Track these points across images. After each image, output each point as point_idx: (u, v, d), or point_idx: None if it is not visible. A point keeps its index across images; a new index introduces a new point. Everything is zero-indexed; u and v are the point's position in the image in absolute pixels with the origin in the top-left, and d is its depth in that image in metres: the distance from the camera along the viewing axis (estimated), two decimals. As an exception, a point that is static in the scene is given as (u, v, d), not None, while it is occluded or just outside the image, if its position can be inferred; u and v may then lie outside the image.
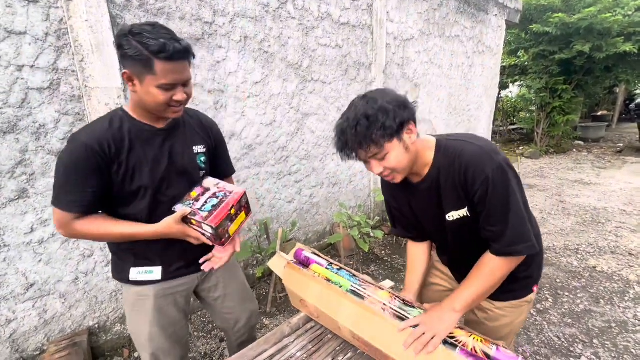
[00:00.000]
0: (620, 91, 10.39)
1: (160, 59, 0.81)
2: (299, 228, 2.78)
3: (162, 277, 1.04)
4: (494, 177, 0.80)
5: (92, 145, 0.86)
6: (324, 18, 2.52)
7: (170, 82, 0.85)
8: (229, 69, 2.08)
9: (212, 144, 1.12)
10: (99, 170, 0.87)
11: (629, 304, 2.16)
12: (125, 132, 0.92)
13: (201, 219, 0.95)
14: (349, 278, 1.09)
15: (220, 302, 1.22)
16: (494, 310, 1.02)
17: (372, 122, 0.78)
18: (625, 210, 3.79)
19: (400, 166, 0.85)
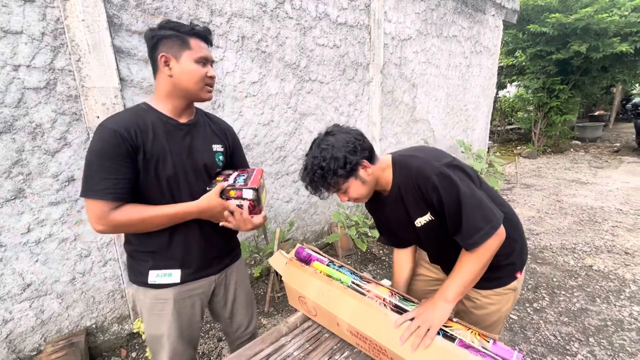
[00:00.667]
0: (617, 91, 10.44)
1: (193, 36, 0.92)
2: (297, 228, 2.78)
3: (182, 279, 1.03)
4: (440, 182, 0.89)
5: (121, 131, 0.86)
6: (321, 18, 2.52)
7: (205, 55, 0.94)
8: (227, 69, 2.08)
9: (229, 146, 1.15)
10: (129, 156, 0.88)
11: (624, 302, 2.18)
12: (149, 122, 0.93)
13: (241, 186, 1.00)
14: (350, 275, 1.11)
15: (230, 307, 1.23)
16: (480, 298, 1.06)
17: (326, 171, 0.91)
18: (622, 209, 3.82)
19: (361, 196, 0.99)
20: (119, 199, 0.87)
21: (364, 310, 0.95)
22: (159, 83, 0.96)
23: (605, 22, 5.31)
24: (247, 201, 1.00)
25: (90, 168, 0.86)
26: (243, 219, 1.00)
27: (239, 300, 1.24)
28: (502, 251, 0.95)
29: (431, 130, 4.02)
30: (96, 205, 0.85)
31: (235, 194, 1.00)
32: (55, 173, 1.58)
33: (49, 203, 1.59)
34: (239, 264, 1.23)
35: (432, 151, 1.00)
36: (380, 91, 3.14)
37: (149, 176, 0.92)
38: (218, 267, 1.13)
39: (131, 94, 1.73)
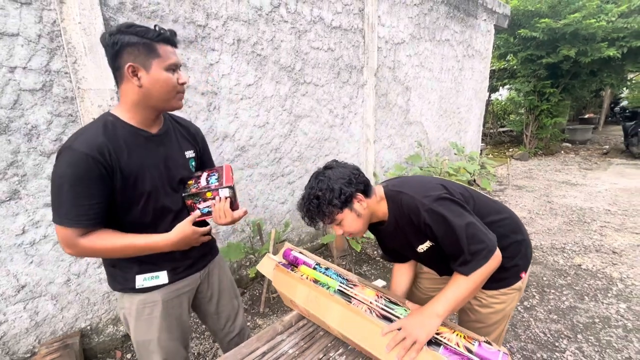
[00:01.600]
0: (606, 95, 10.65)
1: (160, 42, 0.86)
2: (292, 229, 2.80)
3: (169, 279, 1.03)
4: (430, 219, 0.94)
5: (93, 154, 0.81)
6: (316, 22, 2.56)
7: (175, 62, 0.89)
8: (222, 71, 2.10)
9: (199, 149, 1.14)
10: (102, 179, 0.83)
11: (612, 300, 2.23)
12: (121, 138, 0.88)
13: (217, 186, 1.02)
14: (336, 278, 1.12)
15: (215, 301, 1.24)
16: (486, 298, 1.09)
17: (321, 201, 0.95)
18: (610, 210, 3.90)
19: (355, 229, 1.02)
20: (91, 225, 0.85)
21: (351, 317, 0.96)
22: (126, 93, 0.88)
23: (593, 28, 5.44)
24: (227, 199, 1.02)
25: (60, 194, 0.81)
26: (224, 213, 1.01)
27: (223, 293, 1.25)
28: (506, 254, 0.98)
29: (424, 132, 4.08)
30: (65, 231, 0.83)
31: (212, 195, 1.01)
32: (50, 174, 1.58)
33: (44, 204, 1.59)
34: (219, 258, 1.26)
35: (419, 184, 1.04)
36: (375, 94, 3.18)
37: (127, 193, 0.90)
38: (202, 263, 1.15)
39: (127, 96, 1.74)
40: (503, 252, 0.96)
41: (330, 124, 2.87)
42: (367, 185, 1.01)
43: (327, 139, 2.89)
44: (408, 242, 1.05)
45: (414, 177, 1.16)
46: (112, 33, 0.84)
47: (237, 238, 2.41)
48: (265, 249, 2.23)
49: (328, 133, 2.88)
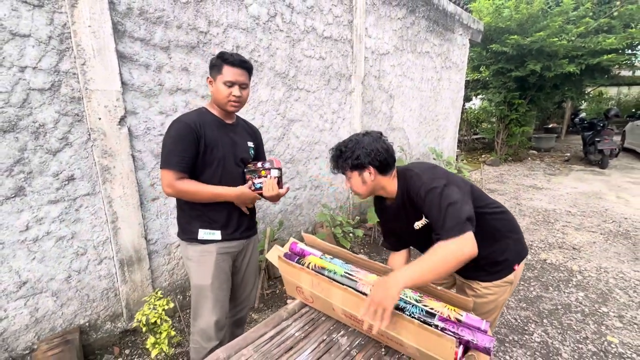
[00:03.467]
0: (567, 106, 11.53)
1: (226, 64, 1.27)
2: (284, 228, 2.91)
3: (222, 237, 1.36)
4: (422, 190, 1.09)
5: (191, 124, 1.25)
6: (309, 31, 2.71)
7: (231, 79, 1.27)
8: (221, 76, 2.20)
9: (257, 144, 1.53)
10: (195, 142, 1.25)
11: (572, 289, 2.51)
12: (208, 120, 1.32)
13: (270, 166, 1.37)
14: (342, 265, 1.26)
15: (243, 272, 1.53)
16: (481, 289, 1.22)
17: (342, 154, 1.18)
18: (571, 211, 4.29)
19: (358, 190, 1.20)
20: (183, 170, 1.24)
21: (356, 297, 1.06)
22: (212, 95, 1.34)
23: (555, 45, 5.95)
24: (275, 178, 1.37)
25: (168, 147, 1.23)
26: (272, 187, 1.35)
27: (250, 268, 1.56)
28: (497, 247, 1.15)
29: (406, 138, 4.32)
30: (168, 174, 1.23)
31: (266, 173, 1.37)
32: (55, 172, 1.62)
33: (49, 201, 1.62)
34: (255, 238, 1.57)
35: (425, 167, 1.18)
36: (361, 101, 3.37)
37: (205, 157, 1.30)
38: (246, 234, 1.48)
39: (131, 97, 1.80)
40: (495, 244, 1.10)
41: (320, 128, 3.01)
42: (385, 164, 1.16)
43: (318, 143, 3.03)
44: (408, 218, 1.20)
45: (427, 162, 1.31)
46: (212, 57, 1.31)
47: (232, 236, 2.48)
48: (260, 246, 2.32)
49: (318, 137, 3.02)
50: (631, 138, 8.63)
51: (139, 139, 1.87)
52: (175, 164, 1.23)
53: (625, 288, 2.52)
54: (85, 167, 1.70)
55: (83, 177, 1.70)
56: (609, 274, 2.73)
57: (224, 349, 1.09)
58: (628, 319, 2.15)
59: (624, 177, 6.15)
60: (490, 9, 6.44)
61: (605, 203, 4.61)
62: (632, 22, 6.14)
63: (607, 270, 2.79)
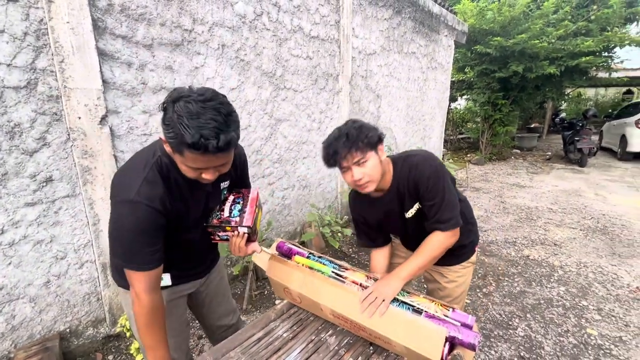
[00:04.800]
0: (548, 107, 11.89)
1: (191, 151, 0.75)
2: (272, 229, 2.89)
3: (173, 282, 1.11)
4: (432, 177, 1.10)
5: (157, 207, 0.86)
6: (296, 31, 2.70)
7: (199, 167, 0.82)
8: (207, 75, 2.17)
9: (236, 174, 1.15)
10: (164, 226, 0.90)
11: (554, 284, 2.58)
12: (173, 182, 0.92)
13: (236, 223, 1.07)
14: (330, 264, 1.26)
15: (209, 302, 1.32)
16: (450, 274, 1.31)
17: (360, 132, 1.04)
18: (552, 208, 4.42)
19: (374, 175, 1.07)
20: (156, 267, 0.90)
21: (343, 296, 1.09)
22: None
23: (537, 47, 6.12)
24: (244, 235, 1.08)
25: (131, 244, 0.86)
26: (239, 248, 1.08)
27: (218, 294, 1.34)
28: (464, 231, 1.20)
29: (393, 137, 4.36)
30: (146, 275, 0.88)
31: (232, 229, 1.08)
32: (32, 173, 1.56)
33: (25, 204, 1.56)
34: (219, 263, 1.35)
35: (427, 153, 1.19)
36: (349, 100, 3.38)
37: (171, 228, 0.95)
38: (205, 272, 1.24)
39: (113, 96, 1.76)
40: (463, 229, 1.18)
41: (308, 128, 3.01)
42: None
43: (305, 142, 3.02)
44: (401, 207, 1.19)
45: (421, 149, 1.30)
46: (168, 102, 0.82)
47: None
48: (248, 247, 2.30)
49: (306, 136, 3.02)
50: (608, 137, 8.95)
51: (122, 138, 1.82)
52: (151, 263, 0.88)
53: (603, 282, 2.61)
54: (64, 168, 1.64)
55: (62, 179, 1.65)
56: (588, 268, 2.83)
57: (211, 352, 1.07)
58: (606, 312, 2.23)
59: (601, 175, 6.38)
60: (474, 11, 6.57)
61: (585, 200, 4.77)
62: (608, 26, 6.36)
63: (586, 265, 2.88)
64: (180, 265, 1.12)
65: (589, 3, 6.64)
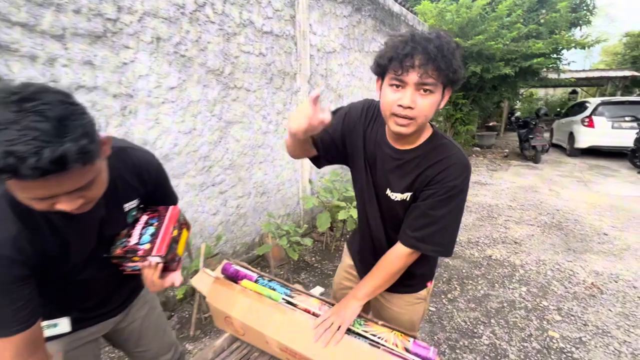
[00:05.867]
0: (505, 106, 12.51)
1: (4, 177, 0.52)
2: (226, 241, 2.65)
3: (73, 328, 0.87)
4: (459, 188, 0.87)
5: (8, 253, 0.64)
6: (245, 25, 2.48)
7: (36, 196, 0.57)
8: (139, 72, 1.89)
9: (147, 190, 0.92)
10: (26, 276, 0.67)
11: (515, 285, 2.58)
12: (38, 215, 0.67)
13: (145, 252, 0.84)
14: (280, 288, 1.08)
15: (136, 339, 1.09)
16: (393, 300, 1.12)
17: (454, 57, 0.75)
18: (511, 205, 4.54)
19: (426, 116, 0.78)
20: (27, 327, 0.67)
21: (293, 326, 0.94)
22: None
23: (493, 49, 6.33)
24: (158, 265, 0.86)
25: None
26: (153, 282, 0.85)
27: (148, 330, 1.11)
28: (418, 259, 0.98)
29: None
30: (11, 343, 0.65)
31: (140, 259, 0.85)
32: None
33: None
34: (144, 292, 1.10)
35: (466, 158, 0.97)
36: (308, 101, 3.20)
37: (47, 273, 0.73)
38: (119, 309, 1.00)
39: (12, 96, 1.44)
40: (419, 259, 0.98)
41: (264, 131, 2.79)
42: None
43: (261, 146, 2.81)
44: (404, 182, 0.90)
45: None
46: None
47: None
48: (195, 265, 2.05)
49: (262, 140, 2.80)
50: (558, 135, 9.56)
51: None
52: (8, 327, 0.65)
53: (561, 280, 2.64)
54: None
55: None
56: (547, 266, 2.87)
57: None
58: (566, 311, 2.24)
59: (554, 171, 6.74)
60: (434, 12, 6.67)
61: (540, 196, 4.96)
62: (556, 29, 6.73)
63: (545, 262, 2.93)
64: (82, 306, 0.89)
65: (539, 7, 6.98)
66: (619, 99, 8.48)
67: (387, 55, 0.77)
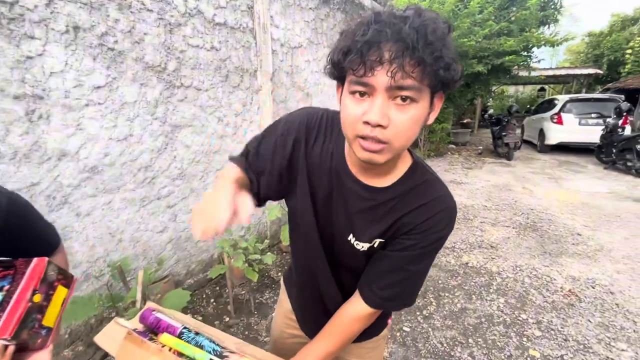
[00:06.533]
0: (478, 103, 12.71)
1: None
2: (178, 260, 2.34)
3: None
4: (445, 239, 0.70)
5: None
6: (193, 15, 2.17)
7: None
8: (51, 68, 1.55)
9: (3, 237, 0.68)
10: None
11: (493, 295, 2.43)
12: None
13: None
14: (208, 345, 0.84)
15: None
16: (351, 350, 0.92)
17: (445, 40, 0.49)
18: (487, 205, 4.47)
19: (405, 137, 0.54)
20: None
21: None
22: None
23: (466, 46, 6.27)
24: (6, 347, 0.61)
25: None
26: None
27: None
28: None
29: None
30: None
31: None
32: None
33: None
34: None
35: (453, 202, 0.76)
36: (272, 100, 2.93)
37: None
38: None
39: None
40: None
41: (219, 134, 2.50)
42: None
43: (218, 152, 2.51)
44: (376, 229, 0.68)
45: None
46: None
47: (91, 287, 1.85)
48: (131, 296, 1.75)
49: (218, 144, 2.50)
50: (528, 131, 9.77)
51: None
52: None
53: (539, 287, 2.53)
54: None
55: None
56: (524, 272, 2.76)
57: None
58: (545, 325, 2.11)
59: (526, 168, 6.81)
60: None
61: (514, 195, 4.93)
62: (527, 27, 6.77)
63: (521, 268, 2.82)
64: None
65: (509, 5, 7.01)
66: (585, 96, 8.74)
67: (342, 48, 0.51)
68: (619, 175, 6.08)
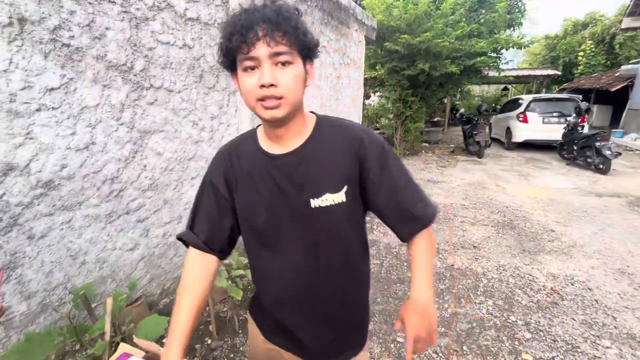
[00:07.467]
0: (447, 102, 13.10)
1: None
2: (152, 279, 2.13)
3: None
4: (387, 147, 0.79)
5: None
6: (162, 8, 1.96)
7: None
8: (-9, 67, 1.31)
9: None
10: None
11: (481, 298, 2.44)
12: None
13: None
14: None
15: None
16: None
17: (294, 17, 0.66)
18: (464, 204, 4.55)
19: (295, 91, 0.68)
20: None
21: None
22: None
23: (440, 46, 6.38)
24: None
25: None
26: None
27: None
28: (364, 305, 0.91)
29: (309, 141, 3.90)
30: None
31: None
32: None
33: None
34: None
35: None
36: (250, 102, 2.76)
37: None
38: None
39: None
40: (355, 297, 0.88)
41: (195, 140, 2.30)
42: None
43: (193, 158, 2.31)
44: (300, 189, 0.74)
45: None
46: None
47: (50, 319, 1.61)
48: (98, 327, 1.53)
49: (193, 151, 2.30)
50: (496, 129, 10.19)
51: None
52: None
53: (523, 287, 2.57)
54: None
55: None
56: (507, 271, 2.80)
57: None
58: (534, 326, 2.13)
59: (496, 165, 7.07)
60: (381, 7, 6.53)
61: (489, 192, 5.08)
62: (495, 29, 7.02)
63: (505, 268, 2.86)
64: None
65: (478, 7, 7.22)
66: (548, 96, 9.24)
67: (227, 35, 0.66)
68: (580, 171, 6.46)
